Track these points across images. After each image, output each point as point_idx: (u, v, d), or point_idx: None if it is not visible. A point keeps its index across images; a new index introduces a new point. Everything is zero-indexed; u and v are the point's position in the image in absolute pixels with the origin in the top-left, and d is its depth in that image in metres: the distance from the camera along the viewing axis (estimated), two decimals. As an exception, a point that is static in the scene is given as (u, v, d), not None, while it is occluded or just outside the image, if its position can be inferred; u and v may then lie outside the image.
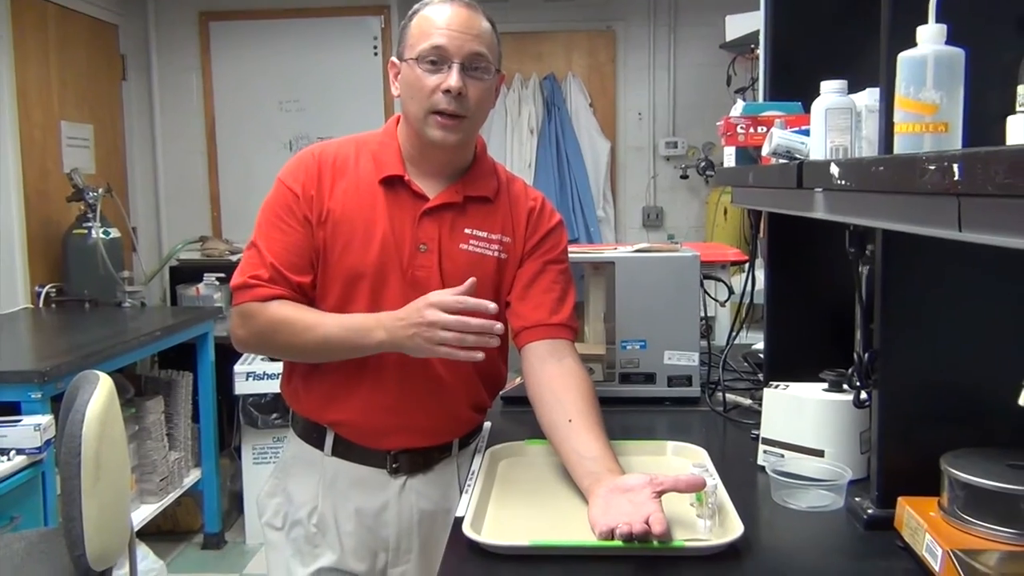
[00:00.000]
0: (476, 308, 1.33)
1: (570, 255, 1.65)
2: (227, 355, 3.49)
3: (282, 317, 1.43)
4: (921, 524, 1.12)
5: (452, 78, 1.40)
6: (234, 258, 3.95)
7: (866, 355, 1.23)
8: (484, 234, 1.52)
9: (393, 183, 1.49)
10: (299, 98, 4.60)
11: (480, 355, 1.32)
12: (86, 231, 3.59)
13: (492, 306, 1.33)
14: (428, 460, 1.58)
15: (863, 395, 1.30)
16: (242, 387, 3.39)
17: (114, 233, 3.67)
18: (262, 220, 1.48)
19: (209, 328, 3.49)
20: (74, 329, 3.10)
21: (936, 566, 1.06)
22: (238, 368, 3.39)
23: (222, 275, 3.91)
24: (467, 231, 1.51)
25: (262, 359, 3.43)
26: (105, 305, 3.59)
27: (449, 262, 1.49)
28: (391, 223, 1.47)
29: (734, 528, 1.16)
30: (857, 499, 1.27)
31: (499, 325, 1.33)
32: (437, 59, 1.41)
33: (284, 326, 1.43)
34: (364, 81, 4.57)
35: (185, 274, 4.12)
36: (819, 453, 1.39)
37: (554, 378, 1.46)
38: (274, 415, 3.42)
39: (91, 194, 3.59)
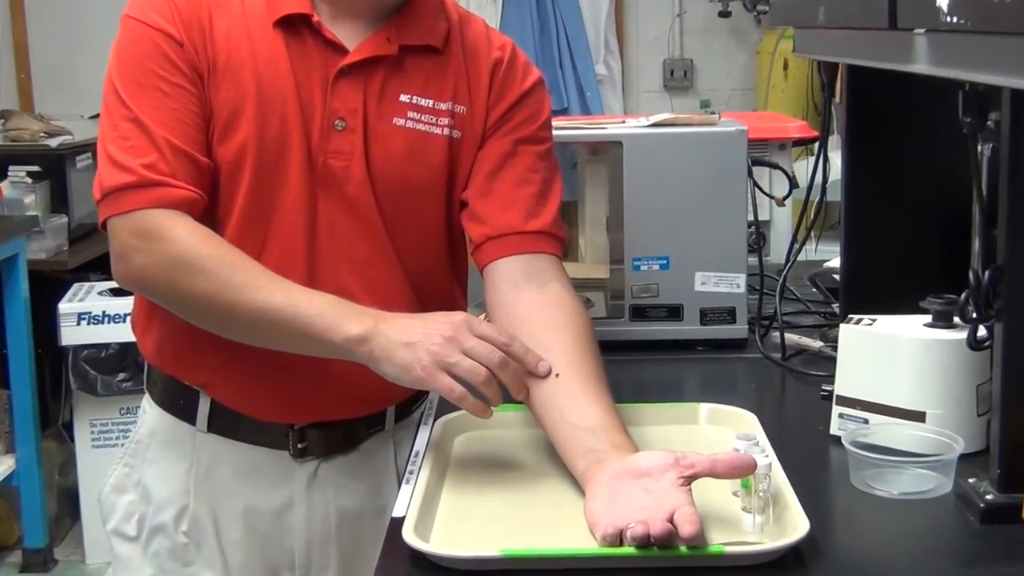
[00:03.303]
0: (525, 358, 1.37)
1: (555, 132, 1.64)
2: (47, 288, 3.46)
3: (209, 253, 1.41)
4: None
5: None
6: (54, 143, 3.89)
7: (987, 274, 1.24)
8: (428, 102, 1.52)
9: (295, 26, 1.48)
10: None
11: (489, 413, 1.34)
12: None
13: (545, 366, 1.38)
14: (350, 437, 1.59)
15: (981, 331, 1.32)
16: (72, 335, 3.37)
17: None
18: (127, 80, 1.45)
19: (20, 248, 3.46)
20: None
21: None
22: (65, 307, 3.37)
23: (36, 168, 3.85)
24: (404, 98, 1.51)
25: (101, 292, 3.42)
26: None
27: (379, 146, 1.50)
28: (293, 87, 1.47)
29: (795, 526, 1.18)
30: (971, 481, 1.29)
31: (544, 368, 1.38)
32: None
33: (211, 267, 1.39)
34: None
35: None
36: (918, 417, 1.42)
37: (532, 312, 1.47)
38: (121, 375, 3.41)
39: None
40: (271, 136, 1.46)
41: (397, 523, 1.23)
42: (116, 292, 3.38)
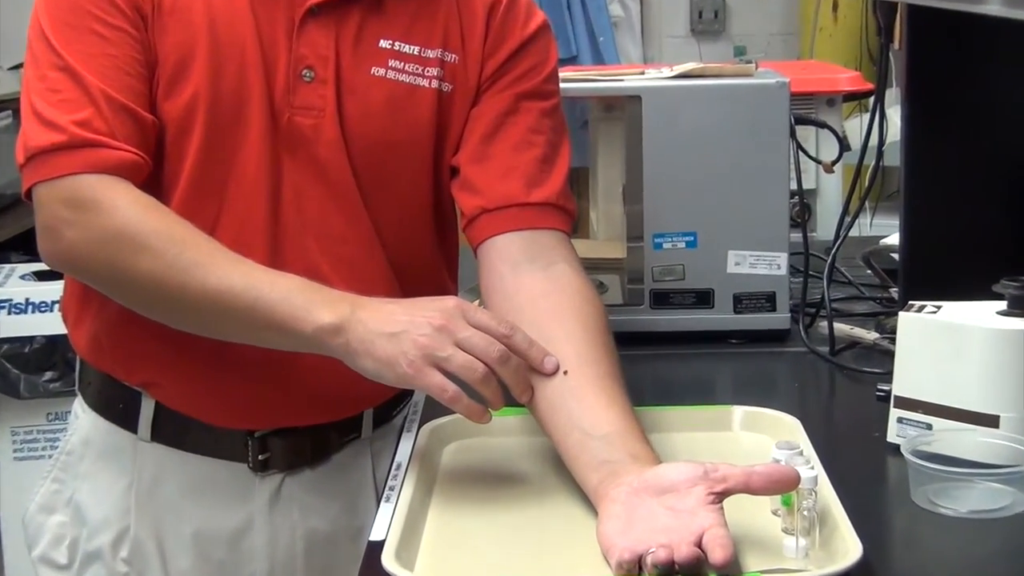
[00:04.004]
0: (529, 352, 1.36)
1: (563, 85, 1.64)
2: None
3: (154, 227, 1.40)
4: None
5: None
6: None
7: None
8: (413, 49, 1.52)
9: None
10: None
11: (488, 417, 1.34)
12: None
13: (552, 362, 1.37)
14: (320, 447, 1.60)
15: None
16: (-10, 326, 3.37)
17: None
18: (57, 22, 1.45)
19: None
20: None
21: None
22: (-20, 292, 3.37)
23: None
24: (384, 44, 1.51)
25: (24, 276, 3.41)
26: None
27: (354, 100, 1.50)
28: (253, 30, 1.47)
29: (846, 550, 1.18)
30: (1054, 497, 1.30)
31: (551, 364, 1.37)
32: None
33: (156, 243, 1.39)
34: None
35: None
36: (991, 421, 1.41)
37: (536, 298, 1.48)
38: (48, 374, 3.41)
39: None
40: (226, 88, 1.46)
41: (376, 548, 1.23)
42: (42, 276, 3.36)
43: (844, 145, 2.15)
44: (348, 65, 1.49)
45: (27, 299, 3.36)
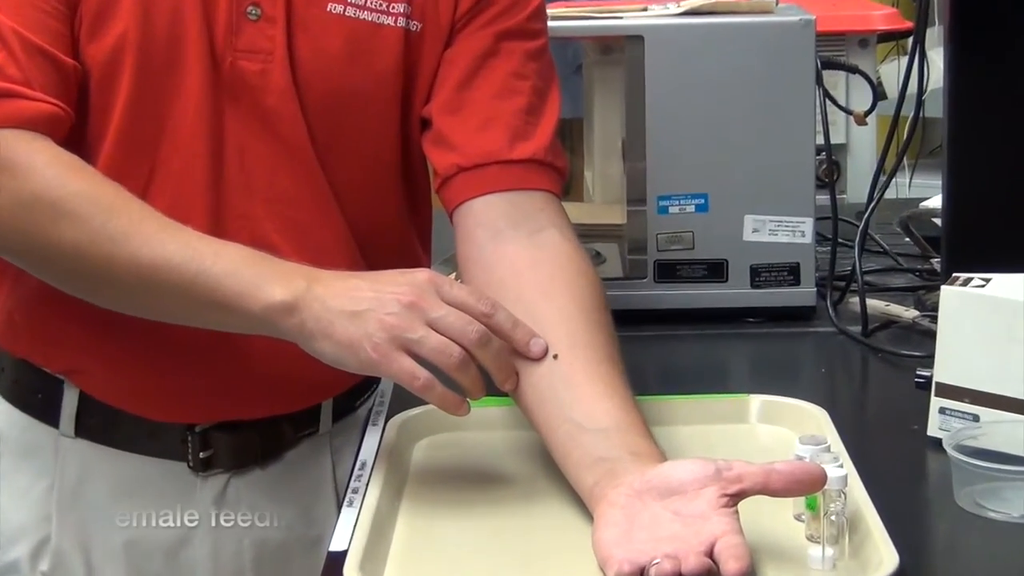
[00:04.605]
0: (513, 334, 1.36)
1: (552, 24, 1.65)
2: None
3: (78, 190, 1.40)
4: None
5: None
6: None
7: None
8: (374, -17, 1.53)
9: None
10: None
11: (466, 408, 1.34)
12: None
13: (540, 344, 1.37)
14: (272, 443, 1.61)
15: None
16: None
17: None
18: None
19: None
20: None
21: None
22: None
23: None
24: (340, -23, 1.51)
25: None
26: None
27: (307, 41, 1.50)
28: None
29: (880, 561, 1.18)
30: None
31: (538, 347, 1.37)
32: None
33: (80, 208, 1.38)
34: None
35: None
36: (1046, 412, 1.42)
37: (521, 271, 1.48)
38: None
39: None
40: (159, 28, 1.46)
41: (336, 559, 1.23)
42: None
43: (879, 93, 2.14)
44: (300, 1, 1.49)
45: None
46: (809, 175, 1.89)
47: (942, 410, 1.49)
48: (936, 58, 1.89)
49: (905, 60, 1.92)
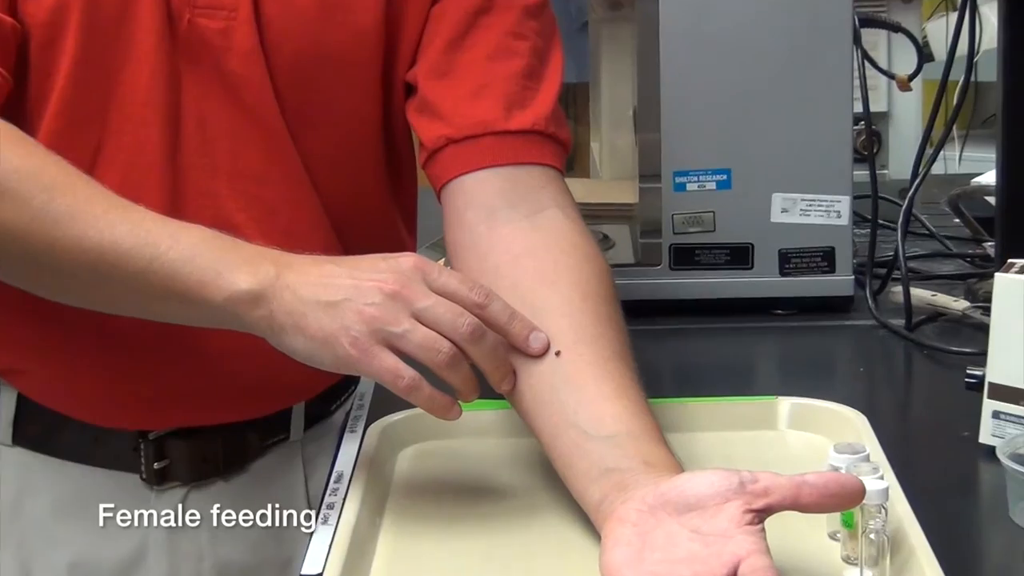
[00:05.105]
0: (510, 327, 1.36)
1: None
2: None
3: (17, 166, 1.38)
4: None
5: None
6: None
7: None
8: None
9: None
10: None
11: (457, 412, 1.34)
12: None
13: (540, 339, 1.37)
14: (235, 452, 1.62)
15: None
16: None
17: None
18: None
19: None
20: None
21: None
22: None
23: None
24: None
25: None
26: None
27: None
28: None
29: (924, 584, 1.19)
30: None
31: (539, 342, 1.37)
32: None
33: (19, 186, 1.37)
34: None
35: None
36: (1115, 416, 1.42)
37: (519, 256, 1.48)
38: None
39: None
40: None
41: (308, 585, 1.24)
42: None
43: (924, 54, 2.14)
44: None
45: None
46: (846, 148, 1.89)
47: (996, 414, 1.49)
48: (990, 14, 1.89)
49: (954, 17, 1.92)
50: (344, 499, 1.37)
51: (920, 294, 1.88)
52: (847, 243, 1.91)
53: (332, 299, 1.31)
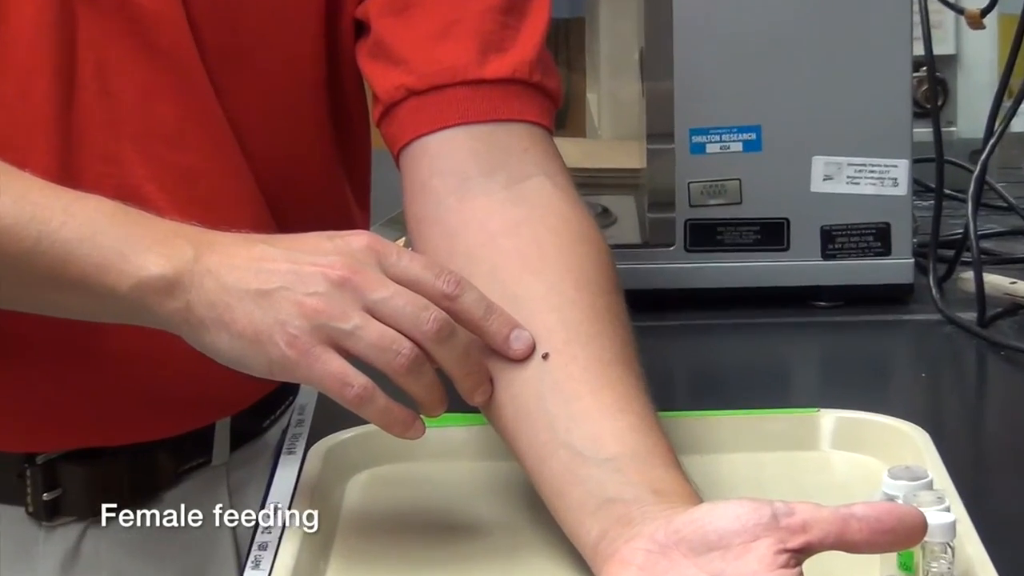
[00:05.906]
0: (486, 323, 1.35)
1: None
2: None
3: None
4: None
5: None
6: None
7: None
8: None
9: None
10: None
11: (419, 429, 1.33)
12: None
13: (524, 339, 1.37)
14: (144, 480, 1.62)
15: None
16: None
17: None
18: None
19: None
20: None
21: None
22: None
23: None
24: None
25: None
26: None
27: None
28: None
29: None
30: None
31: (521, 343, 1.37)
32: None
33: None
34: None
35: None
36: None
37: (497, 235, 1.48)
38: None
39: None
40: None
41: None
42: None
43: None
44: None
45: None
46: (904, 100, 1.90)
47: (1090, 432, 1.49)
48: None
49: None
50: (280, 539, 1.36)
51: (996, 281, 1.89)
52: (906, 218, 1.91)
53: (265, 287, 1.30)
